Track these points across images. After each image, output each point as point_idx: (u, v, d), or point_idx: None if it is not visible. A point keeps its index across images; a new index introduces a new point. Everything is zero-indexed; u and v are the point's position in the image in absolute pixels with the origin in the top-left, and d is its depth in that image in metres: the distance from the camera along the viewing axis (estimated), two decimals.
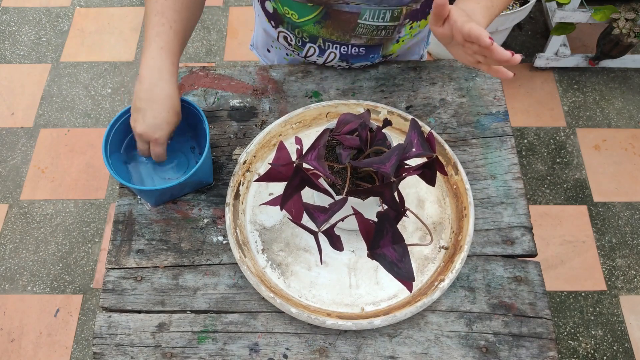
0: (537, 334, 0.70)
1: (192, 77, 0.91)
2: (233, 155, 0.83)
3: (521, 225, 0.77)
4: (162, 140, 0.73)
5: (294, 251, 0.76)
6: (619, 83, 1.99)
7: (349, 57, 0.88)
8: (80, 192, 1.77)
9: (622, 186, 1.77)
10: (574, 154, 1.83)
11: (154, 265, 0.75)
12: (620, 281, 1.60)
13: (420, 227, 0.78)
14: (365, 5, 0.79)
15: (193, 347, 0.70)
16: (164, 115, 0.72)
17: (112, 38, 2.12)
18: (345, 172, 0.67)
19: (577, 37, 2.08)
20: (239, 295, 0.73)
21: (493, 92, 0.89)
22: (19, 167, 1.82)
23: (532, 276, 0.74)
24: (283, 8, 0.84)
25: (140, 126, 0.72)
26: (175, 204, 0.80)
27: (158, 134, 0.72)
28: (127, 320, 0.71)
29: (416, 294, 0.72)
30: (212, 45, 2.11)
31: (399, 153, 0.60)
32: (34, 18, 2.18)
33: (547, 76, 2.01)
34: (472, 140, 0.84)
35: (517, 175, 0.81)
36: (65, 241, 1.68)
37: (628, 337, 1.52)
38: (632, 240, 1.67)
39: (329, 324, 0.68)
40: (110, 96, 1.97)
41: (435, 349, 0.69)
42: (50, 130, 1.89)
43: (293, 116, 0.84)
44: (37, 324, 1.55)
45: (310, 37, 0.86)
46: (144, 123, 0.71)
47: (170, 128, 0.73)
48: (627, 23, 1.74)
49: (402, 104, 0.88)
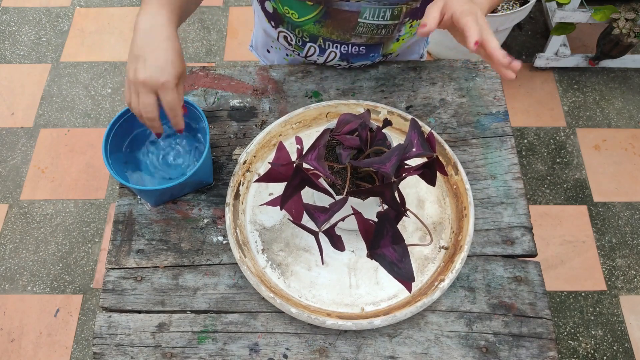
0: (537, 334, 0.70)
1: (192, 77, 0.91)
2: (233, 155, 0.83)
3: (521, 225, 0.77)
4: (170, 84, 0.65)
5: (294, 251, 0.76)
6: (619, 83, 1.99)
7: (350, 57, 0.88)
8: (80, 192, 1.77)
9: (622, 186, 1.77)
10: (574, 154, 1.83)
11: (154, 265, 0.75)
12: (620, 281, 1.60)
13: (420, 227, 0.78)
14: (365, 4, 0.79)
15: (193, 347, 0.70)
16: (166, 56, 0.65)
17: (112, 38, 2.12)
18: (345, 172, 0.67)
19: (577, 37, 2.08)
20: (239, 295, 0.73)
21: (493, 92, 0.89)
22: (19, 167, 1.82)
23: (532, 276, 0.74)
24: (283, 8, 0.84)
25: (142, 73, 0.64)
26: (175, 204, 0.80)
27: (164, 77, 0.64)
28: (127, 320, 0.71)
29: (416, 294, 0.72)
30: (212, 45, 2.11)
31: (399, 153, 0.60)
32: (34, 18, 2.18)
33: (547, 76, 2.01)
34: (472, 140, 0.84)
35: (517, 175, 0.81)
36: (65, 241, 1.68)
37: (628, 337, 1.52)
38: (632, 240, 1.67)
39: (329, 324, 0.68)
40: (110, 96, 1.97)
41: (435, 349, 0.69)
42: (50, 130, 1.89)
43: (293, 116, 0.84)
44: (37, 324, 1.55)
45: (310, 37, 0.86)
46: (146, 69, 0.64)
47: (176, 71, 0.65)
48: (627, 23, 1.74)
49: (402, 104, 0.88)
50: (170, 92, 0.65)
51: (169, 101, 0.66)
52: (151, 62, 0.64)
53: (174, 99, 0.66)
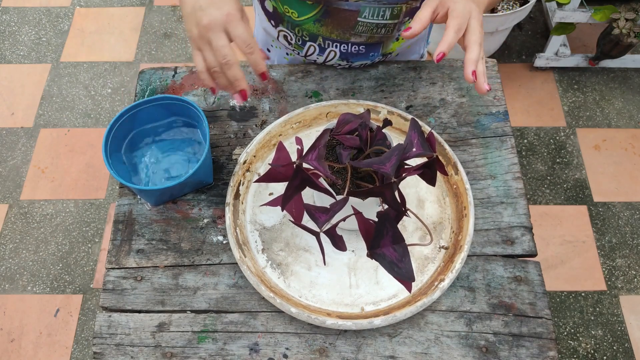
0: (537, 334, 0.70)
1: (192, 77, 0.91)
2: (233, 155, 0.83)
3: (521, 225, 0.77)
4: (235, 15, 0.60)
5: (294, 251, 0.76)
6: (619, 83, 1.99)
7: (349, 56, 0.88)
8: (80, 192, 1.77)
9: (622, 186, 1.77)
10: (574, 154, 1.83)
11: (154, 265, 0.75)
12: (620, 281, 1.60)
13: (420, 227, 0.78)
14: (365, 3, 0.79)
15: (193, 347, 0.70)
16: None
17: (112, 38, 2.12)
18: (345, 172, 0.67)
19: (577, 37, 2.08)
20: (239, 295, 0.73)
21: (493, 92, 0.89)
22: (19, 167, 1.82)
23: (532, 276, 0.74)
24: (283, 7, 0.84)
25: (204, 18, 0.60)
26: (175, 204, 0.80)
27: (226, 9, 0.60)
28: (127, 320, 0.71)
29: (416, 294, 0.72)
30: None
31: (399, 153, 0.60)
32: (34, 18, 2.18)
33: (547, 76, 2.01)
34: (472, 140, 0.84)
35: (517, 175, 0.81)
36: (65, 241, 1.68)
37: (628, 337, 1.52)
38: (632, 240, 1.67)
39: (329, 323, 0.68)
40: (110, 96, 1.97)
41: (435, 349, 0.69)
42: (50, 130, 1.89)
43: (293, 116, 0.84)
44: (37, 324, 1.55)
45: (310, 36, 0.86)
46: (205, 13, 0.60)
47: (235, 2, 0.61)
48: (627, 23, 1.74)
49: (402, 104, 0.88)
50: (239, 23, 0.60)
51: (241, 34, 0.60)
52: (207, 4, 0.60)
53: (245, 30, 0.61)
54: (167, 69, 0.91)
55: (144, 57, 2.07)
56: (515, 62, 2.05)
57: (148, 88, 0.89)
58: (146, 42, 2.11)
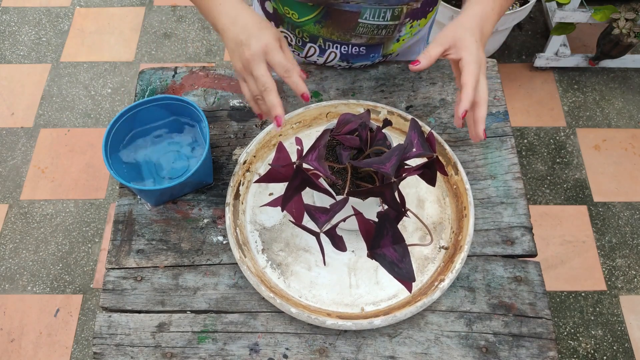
0: (537, 334, 0.70)
1: (192, 77, 0.91)
2: (233, 155, 0.83)
3: (521, 225, 0.77)
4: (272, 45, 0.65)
5: (294, 251, 0.76)
6: (619, 83, 1.99)
7: (350, 57, 0.88)
8: (80, 192, 1.77)
9: (622, 186, 1.77)
10: (574, 154, 1.83)
11: (154, 265, 0.75)
12: (620, 281, 1.60)
13: (420, 227, 0.78)
14: (366, 5, 0.79)
15: (193, 347, 0.70)
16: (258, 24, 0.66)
17: (112, 38, 2.12)
18: (345, 172, 0.67)
19: (577, 37, 2.08)
20: (239, 295, 0.73)
21: (493, 92, 0.89)
22: (19, 167, 1.82)
23: (532, 276, 0.74)
24: (283, 8, 0.84)
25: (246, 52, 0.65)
26: (175, 204, 0.80)
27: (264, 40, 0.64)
28: (127, 320, 0.71)
29: (416, 294, 0.72)
30: (212, 45, 2.11)
31: (399, 153, 0.60)
32: (34, 18, 2.18)
33: (547, 76, 2.01)
34: (472, 140, 0.84)
35: (517, 175, 0.81)
36: (65, 241, 1.68)
37: (628, 337, 1.52)
38: (632, 240, 1.67)
39: (329, 324, 0.68)
40: (110, 96, 1.97)
41: (435, 349, 0.69)
42: (50, 130, 1.89)
43: (293, 116, 0.84)
44: (37, 324, 1.55)
45: (310, 37, 0.86)
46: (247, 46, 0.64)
47: (272, 32, 0.66)
48: (627, 23, 1.74)
49: (402, 104, 0.88)
50: (277, 52, 0.64)
51: (279, 62, 0.64)
52: (247, 38, 0.64)
53: (282, 57, 0.65)
54: (167, 69, 0.91)
55: (144, 57, 2.07)
56: (515, 62, 2.05)
57: (148, 88, 0.89)
58: (146, 42, 2.11)
